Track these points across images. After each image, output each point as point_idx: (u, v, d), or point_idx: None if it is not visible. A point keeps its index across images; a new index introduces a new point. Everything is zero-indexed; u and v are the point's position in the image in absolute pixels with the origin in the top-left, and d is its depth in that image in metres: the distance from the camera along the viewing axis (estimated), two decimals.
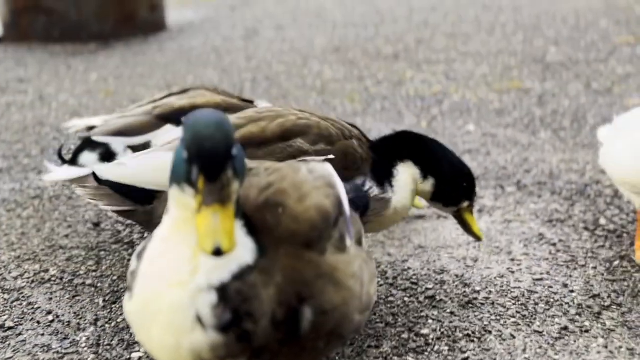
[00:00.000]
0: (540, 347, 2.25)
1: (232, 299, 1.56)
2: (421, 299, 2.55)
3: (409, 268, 2.76)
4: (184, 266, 1.59)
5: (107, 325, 2.42)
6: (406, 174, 2.49)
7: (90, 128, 3.03)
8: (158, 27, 7.22)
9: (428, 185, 2.51)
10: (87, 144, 2.96)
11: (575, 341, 2.28)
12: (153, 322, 1.61)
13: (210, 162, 1.52)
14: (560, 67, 5.33)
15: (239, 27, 7.34)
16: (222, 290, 1.56)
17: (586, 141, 3.92)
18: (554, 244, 2.88)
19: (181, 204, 1.60)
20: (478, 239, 2.59)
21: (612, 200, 3.22)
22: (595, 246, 2.85)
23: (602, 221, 3.04)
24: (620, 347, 2.24)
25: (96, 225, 3.15)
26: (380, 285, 2.64)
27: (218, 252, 1.45)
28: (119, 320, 2.45)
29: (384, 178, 2.46)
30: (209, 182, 1.51)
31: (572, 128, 4.14)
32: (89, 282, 2.70)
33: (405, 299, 2.55)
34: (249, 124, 2.37)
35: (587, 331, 2.33)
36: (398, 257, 2.83)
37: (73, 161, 2.95)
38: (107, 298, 2.59)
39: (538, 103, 4.56)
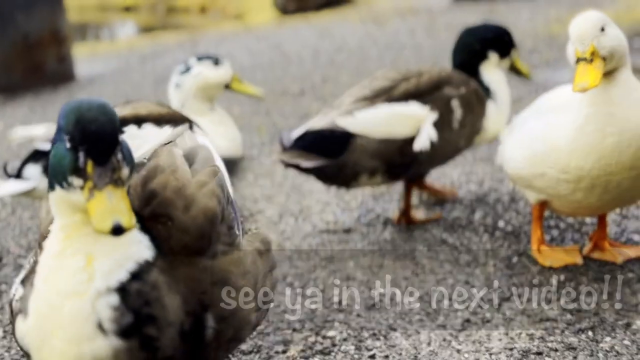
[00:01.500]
0: (444, 340, 2.24)
1: (133, 299, 1.49)
2: (327, 305, 2.51)
3: (316, 278, 2.72)
4: (78, 276, 1.51)
5: (6, 354, 2.30)
6: (492, 73, 3.14)
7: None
8: (67, 78, 7.09)
9: (495, 57, 3.13)
10: (32, 156, 2.90)
11: (477, 331, 2.27)
12: (52, 337, 1.52)
13: (98, 143, 1.46)
14: None
15: (149, 76, 7.28)
16: (122, 291, 1.49)
17: (484, 156, 3.99)
18: (456, 247, 2.90)
19: (67, 206, 1.53)
20: (529, 77, 3.33)
21: (509, 205, 3.27)
22: (494, 246, 2.88)
23: (501, 224, 3.08)
24: (520, 333, 2.25)
25: None
26: (287, 295, 2.60)
27: (118, 231, 1.39)
28: (18, 349, 2.32)
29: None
30: (99, 165, 1.46)
31: None
32: None
33: (313, 306, 2.51)
34: (402, 83, 2.97)
35: (488, 321, 2.33)
36: (305, 269, 2.80)
37: (19, 174, 2.87)
38: (7, 329, 2.47)
39: None
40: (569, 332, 2.24)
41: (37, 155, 2.86)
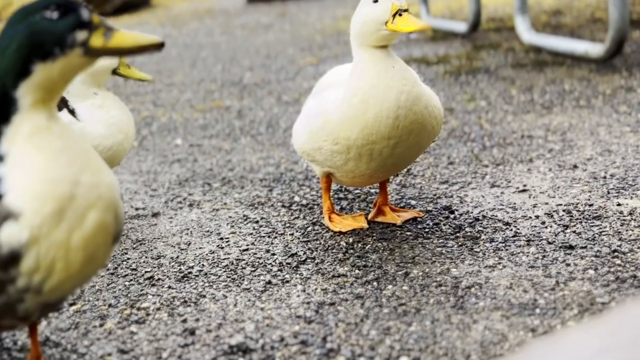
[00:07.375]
0: (249, 300, 2.39)
1: None
2: (141, 280, 2.59)
3: (129, 258, 2.79)
4: None
5: None
6: None
7: None
8: None
9: None
10: None
11: (278, 291, 2.45)
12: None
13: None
14: (255, 87, 5.64)
15: None
16: None
17: (279, 141, 4.21)
18: (257, 222, 3.06)
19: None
20: None
21: (303, 182, 3.49)
22: (291, 218, 3.08)
23: (297, 199, 3.29)
24: (316, 288, 2.45)
25: None
26: (102, 276, 2.64)
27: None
28: None
29: None
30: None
31: (267, 132, 4.41)
32: None
33: (126, 283, 2.58)
34: None
35: (287, 282, 2.51)
36: (118, 251, 2.85)
37: None
38: None
39: (237, 116, 4.80)
40: (357, 284, 2.47)
41: None
